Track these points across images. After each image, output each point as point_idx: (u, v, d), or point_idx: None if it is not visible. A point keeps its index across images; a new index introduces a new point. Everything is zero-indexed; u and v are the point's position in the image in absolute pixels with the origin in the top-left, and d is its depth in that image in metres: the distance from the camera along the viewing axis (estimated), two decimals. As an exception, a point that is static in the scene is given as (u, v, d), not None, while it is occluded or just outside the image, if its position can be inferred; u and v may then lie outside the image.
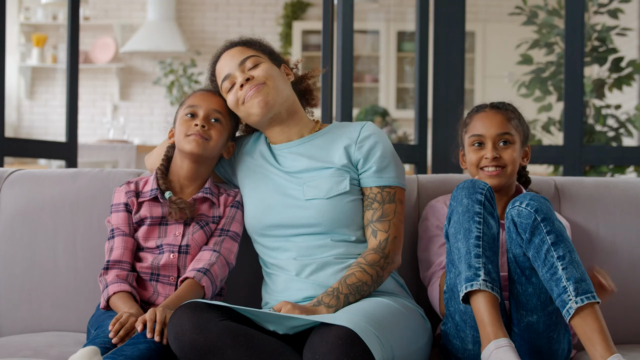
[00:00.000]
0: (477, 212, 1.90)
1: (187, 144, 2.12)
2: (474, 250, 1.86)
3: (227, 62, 2.15)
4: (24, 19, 8.31)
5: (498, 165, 2.13)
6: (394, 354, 1.77)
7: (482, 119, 2.17)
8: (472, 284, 1.83)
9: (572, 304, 1.80)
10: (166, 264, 2.10)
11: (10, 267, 2.32)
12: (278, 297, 2.06)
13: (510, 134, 2.14)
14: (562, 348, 1.99)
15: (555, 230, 1.87)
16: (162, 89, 8.15)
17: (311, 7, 8.58)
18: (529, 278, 1.92)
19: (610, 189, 2.39)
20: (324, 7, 3.44)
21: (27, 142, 3.86)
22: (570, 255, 1.85)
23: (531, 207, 1.88)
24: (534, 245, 1.87)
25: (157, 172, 2.17)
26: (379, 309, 1.86)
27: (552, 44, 4.82)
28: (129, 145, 6.89)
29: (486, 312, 1.81)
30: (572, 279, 1.82)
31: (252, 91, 2.08)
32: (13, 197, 2.35)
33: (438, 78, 3.43)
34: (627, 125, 4.71)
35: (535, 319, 1.94)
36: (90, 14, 8.46)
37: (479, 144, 2.16)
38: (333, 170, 2.08)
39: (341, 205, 2.05)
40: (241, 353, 1.73)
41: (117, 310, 1.99)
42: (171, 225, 2.13)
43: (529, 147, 2.22)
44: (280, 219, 2.08)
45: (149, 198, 2.14)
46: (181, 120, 2.15)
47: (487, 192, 1.93)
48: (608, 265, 2.30)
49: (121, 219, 2.14)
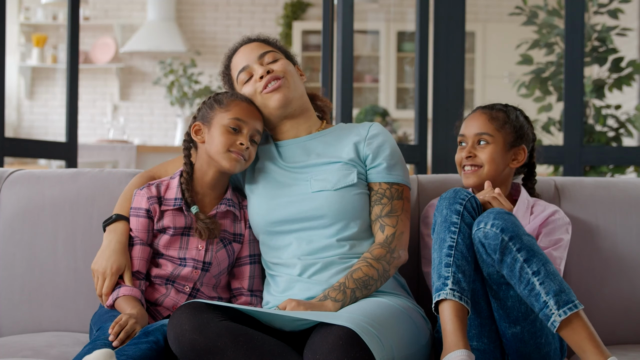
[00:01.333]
0: (453, 222, 1.90)
1: (227, 160, 2.07)
2: (445, 259, 1.86)
3: (245, 55, 2.17)
4: (24, 19, 8.30)
5: (474, 165, 2.12)
6: (394, 354, 1.77)
7: (469, 119, 2.18)
8: (440, 294, 1.83)
9: (555, 317, 1.80)
10: (186, 276, 2.09)
11: (10, 267, 2.32)
12: (280, 297, 2.06)
13: (488, 134, 2.12)
14: (553, 348, 1.99)
15: (525, 246, 1.85)
16: (162, 89, 8.14)
17: (311, 7, 8.58)
18: (506, 292, 1.92)
19: (610, 189, 2.39)
20: (324, 7, 3.44)
21: (27, 142, 3.86)
22: (545, 268, 1.84)
23: (496, 227, 1.86)
24: (506, 264, 1.86)
25: (181, 182, 2.12)
26: (379, 309, 1.86)
27: (552, 44, 4.82)
28: (129, 145, 6.88)
29: (450, 322, 1.80)
30: (551, 293, 1.81)
31: (274, 84, 2.11)
32: (13, 197, 2.35)
33: (438, 78, 3.43)
34: (627, 126, 4.71)
35: (519, 330, 1.94)
36: (90, 14, 8.46)
37: (462, 144, 2.17)
38: (341, 164, 2.10)
39: (348, 197, 2.06)
40: (241, 353, 1.73)
41: (121, 311, 1.99)
42: (193, 237, 2.10)
43: (523, 149, 2.17)
44: (286, 214, 2.08)
45: (173, 208, 2.10)
46: (223, 130, 2.07)
47: (467, 203, 1.91)
48: (608, 265, 2.31)
49: (141, 226, 2.09)
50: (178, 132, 7.52)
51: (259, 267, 2.18)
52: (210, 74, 8.29)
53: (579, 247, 2.30)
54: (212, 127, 2.10)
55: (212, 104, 2.13)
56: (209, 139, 2.09)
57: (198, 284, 2.11)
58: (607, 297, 2.30)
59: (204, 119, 2.12)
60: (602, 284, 2.30)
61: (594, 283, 2.30)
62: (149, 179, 2.18)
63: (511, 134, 2.14)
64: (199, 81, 7.38)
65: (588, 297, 2.25)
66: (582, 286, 2.27)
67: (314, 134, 2.18)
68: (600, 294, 2.30)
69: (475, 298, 1.95)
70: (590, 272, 2.30)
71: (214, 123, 2.10)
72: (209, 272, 2.11)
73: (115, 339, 1.85)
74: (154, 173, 2.21)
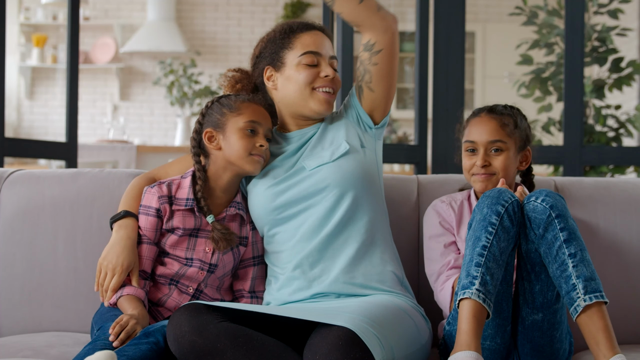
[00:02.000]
0: (491, 223, 1.89)
1: (250, 164, 2.07)
2: (477, 258, 1.86)
3: (320, 43, 2.15)
4: (24, 19, 8.30)
5: (488, 173, 2.13)
6: (394, 354, 1.77)
7: (476, 124, 2.16)
8: (465, 292, 1.83)
9: (580, 301, 1.81)
10: (191, 277, 2.09)
11: (10, 267, 2.32)
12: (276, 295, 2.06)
13: (502, 142, 2.12)
14: (563, 348, 2.00)
15: (569, 227, 1.88)
16: (162, 89, 8.15)
17: (311, 7, 8.58)
18: (538, 275, 1.92)
19: (610, 189, 2.39)
20: (324, 7, 3.44)
21: (27, 142, 3.86)
22: (582, 253, 1.86)
23: (547, 203, 1.89)
24: (546, 241, 1.88)
25: (195, 186, 2.09)
26: (379, 309, 1.86)
27: (552, 44, 4.82)
28: (129, 145, 6.88)
29: (467, 322, 1.80)
30: (581, 277, 1.83)
31: (330, 92, 2.13)
32: (13, 197, 2.35)
33: (438, 78, 3.43)
34: (627, 126, 4.71)
35: (541, 317, 1.94)
36: (90, 14, 8.46)
37: (472, 150, 2.15)
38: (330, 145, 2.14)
39: (347, 164, 2.08)
40: (241, 354, 1.73)
41: (123, 311, 1.98)
42: (201, 238, 2.10)
43: (529, 150, 2.20)
44: (289, 195, 2.08)
45: (184, 208, 2.09)
46: (241, 134, 2.07)
47: (510, 206, 1.90)
48: (608, 265, 2.31)
49: (150, 224, 2.08)
50: (178, 132, 7.52)
51: (261, 268, 2.18)
52: (210, 74, 8.29)
53: (579, 247, 2.31)
54: (226, 132, 2.08)
55: (220, 109, 2.11)
56: (227, 145, 2.08)
57: (202, 285, 2.10)
58: (607, 297, 2.29)
59: (215, 125, 2.10)
60: (602, 284, 2.30)
61: (594, 283, 2.30)
62: (150, 180, 2.18)
63: (520, 139, 2.16)
64: (199, 81, 7.38)
65: (588, 297, 2.25)
66: (582, 286, 2.27)
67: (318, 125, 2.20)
68: (600, 294, 2.30)
69: (500, 298, 1.95)
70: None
71: (228, 128, 2.08)
72: (214, 274, 2.11)
73: (115, 339, 1.85)
74: (154, 175, 2.21)
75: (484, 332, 1.96)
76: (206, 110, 2.14)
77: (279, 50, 2.16)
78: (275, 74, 2.16)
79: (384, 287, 2.03)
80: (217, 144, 2.09)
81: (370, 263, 2.05)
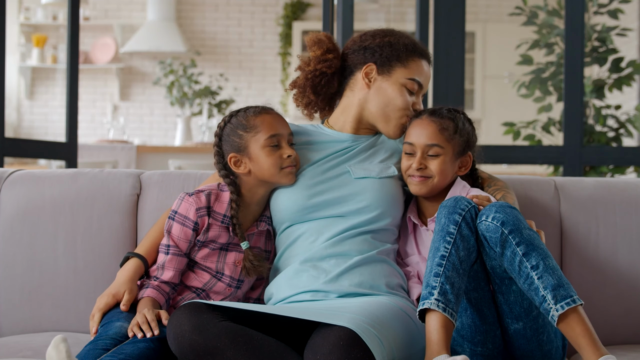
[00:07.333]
0: (449, 232, 1.88)
1: (284, 177, 2.06)
2: (435, 269, 1.85)
3: (426, 75, 2.20)
4: (24, 19, 8.31)
5: (424, 175, 2.11)
6: (394, 354, 1.77)
7: (416, 126, 2.13)
8: (424, 303, 1.82)
9: (553, 312, 1.80)
10: (218, 291, 2.08)
11: (10, 267, 2.32)
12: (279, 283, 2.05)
13: (439, 146, 2.09)
14: (555, 347, 1.99)
15: (525, 240, 1.85)
16: (162, 90, 8.15)
17: (311, 7, 8.58)
18: (509, 287, 1.92)
19: (610, 189, 2.39)
20: (324, 7, 3.44)
21: (27, 142, 3.86)
22: (544, 262, 1.83)
23: (497, 220, 1.86)
24: (506, 258, 1.86)
25: (232, 215, 2.04)
26: (380, 309, 1.86)
27: (552, 44, 4.82)
28: (129, 145, 6.88)
29: (434, 332, 1.80)
30: (549, 287, 1.81)
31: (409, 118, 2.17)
32: (13, 197, 2.35)
33: (438, 78, 3.43)
34: (627, 126, 4.71)
35: (522, 326, 1.94)
36: (90, 14, 8.46)
37: (410, 153, 2.14)
38: (379, 162, 2.16)
39: (390, 186, 2.11)
40: (241, 354, 1.73)
41: (138, 310, 1.96)
42: (231, 252, 2.08)
43: (470, 155, 2.16)
44: (325, 198, 2.08)
45: (220, 224, 2.05)
46: (266, 152, 2.03)
47: (467, 213, 1.89)
48: (608, 265, 2.31)
49: (184, 235, 2.02)
50: (178, 132, 7.51)
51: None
52: (210, 74, 8.29)
53: (578, 247, 2.31)
54: (251, 154, 2.04)
55: (235, 130, 2.06)
56: (256, 167, 2.05)
57: (228, 299, 2.09)
58: (607, 297, 2.30)
59: (237, 149, 2.05)
60: (602, 284, 2.30)
61: (594, 283, 2.30)
62: None
63: (459, 144, 2.12)
64: (199, 81, 7.38)
65: (588, 297, 2.25)
66: (582, 286, 2.27)
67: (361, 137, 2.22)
68: (600, 294, 2.30)
69: (480, 304, 1.95)
70: (590, 272, 2.30)
71: (251, 150, 2.04)
72: (240, 290, 2.11)
73: (144, 334, 1.84)
74: None
75: (474, 339, 1.96)
76: (220, 132, 2.09)
77: (392, 59, 2.16)
78: (376, 76, 2.17)
79: (384, 290, 2.03)
80: (245, 168, 2.06)
81: (375, 269, 2.05)
